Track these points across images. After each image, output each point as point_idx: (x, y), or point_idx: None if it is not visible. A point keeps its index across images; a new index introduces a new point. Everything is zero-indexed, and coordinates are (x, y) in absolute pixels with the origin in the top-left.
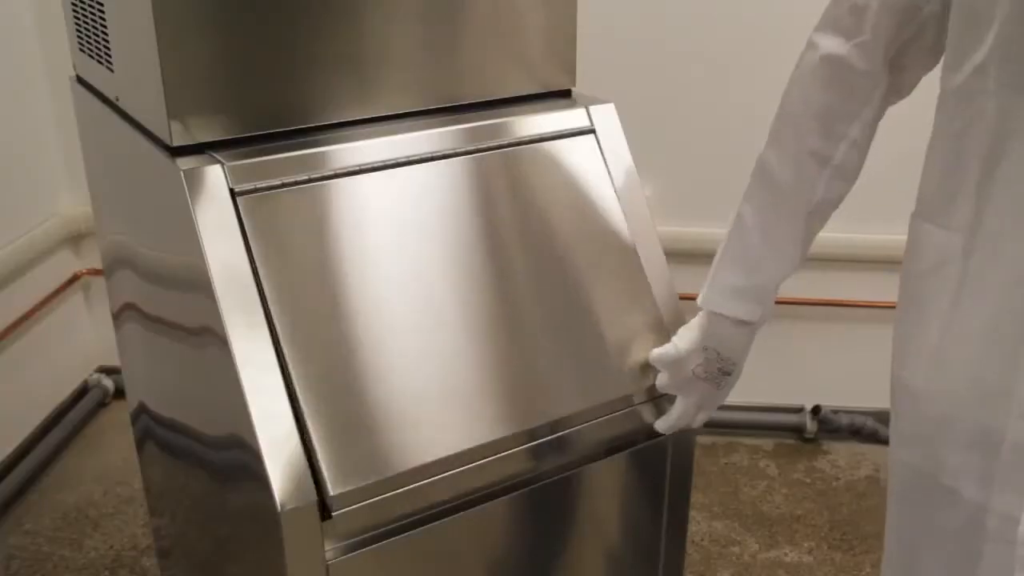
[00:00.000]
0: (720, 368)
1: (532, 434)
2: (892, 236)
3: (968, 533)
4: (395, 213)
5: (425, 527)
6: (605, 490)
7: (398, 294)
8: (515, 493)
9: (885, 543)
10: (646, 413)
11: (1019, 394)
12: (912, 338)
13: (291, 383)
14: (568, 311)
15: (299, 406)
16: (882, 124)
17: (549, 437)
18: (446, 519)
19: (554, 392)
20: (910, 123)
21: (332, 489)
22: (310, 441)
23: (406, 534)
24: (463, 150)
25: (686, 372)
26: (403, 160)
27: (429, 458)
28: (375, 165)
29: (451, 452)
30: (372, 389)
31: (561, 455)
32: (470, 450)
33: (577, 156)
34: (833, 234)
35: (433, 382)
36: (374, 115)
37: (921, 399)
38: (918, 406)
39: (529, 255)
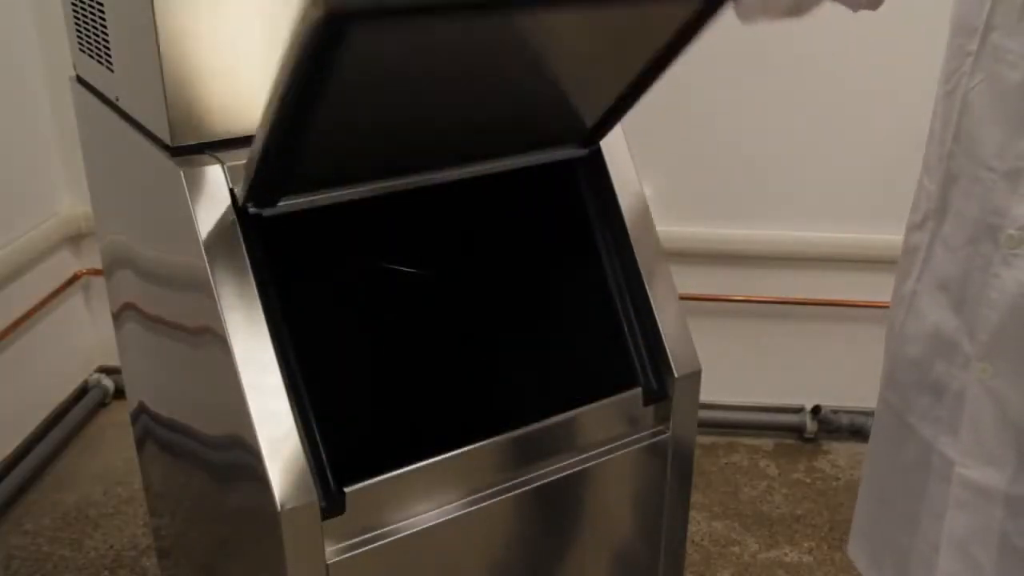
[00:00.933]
0: None
1: (533, 434)
2: (892, 236)
3: (920, 468)
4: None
5: (425, 527)
6: (605, 490)
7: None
8: (515, 493)
9: (863, 472)
10: (646, 413)
11: (963, 347)
12: (899, 285)
13: (296, 382)
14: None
15: (303, 405)
16: (882, 125)
17: (549, 437)
18: (446, 519)
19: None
20: (910, 125)
21: (333, 489)
22: (311, 441)
23: (406, 534)
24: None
25: None
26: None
27: (430, 458)
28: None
29: (452, 452)
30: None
31: (561, 455)
32: (471, 450)
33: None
34: (833, 234)
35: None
36: None
37: (898, 341)
38: (895, 348)
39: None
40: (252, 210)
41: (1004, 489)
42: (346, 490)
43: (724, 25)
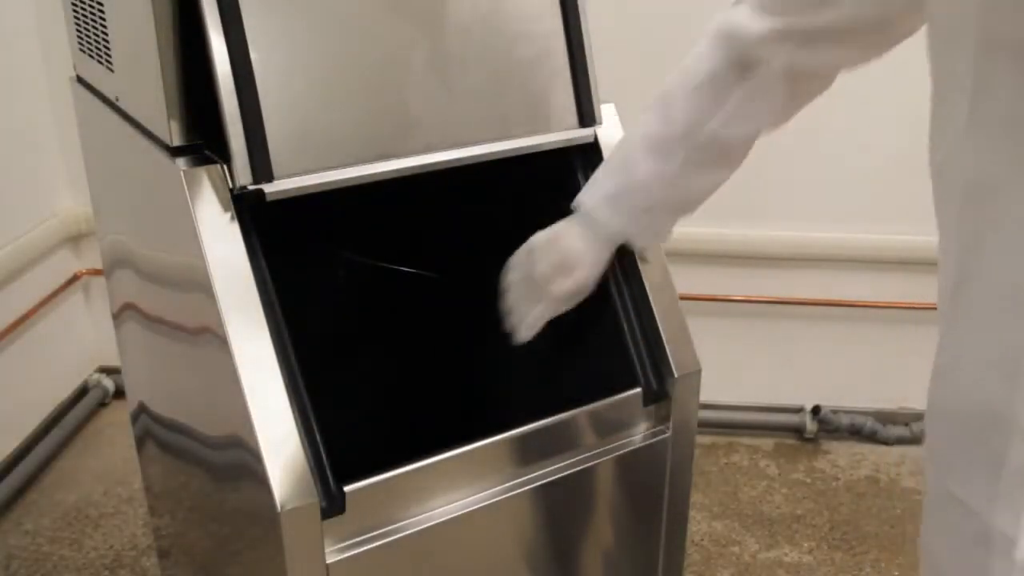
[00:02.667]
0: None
1: (533, 434)
2: (892, 236)
3: (980, 545)
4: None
5: (425, 527)
6: (605, 490)
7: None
8: (515, 493)
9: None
10: (646, 413)
11: (1020, 418)
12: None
13: (296, 382)
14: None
15: (303, 405)
16: (882, 125)
17: (549, 437)
18: (446, 519)
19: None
20: (910, 125)
21: (333, 489)
22: (311, 441)
23: (406, 534)
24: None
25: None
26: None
27: (430, 458)
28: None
29: (452, 452)
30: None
31: (561, 455)
32: (471, 450)
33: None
34: (833, 234)
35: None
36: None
37: (933, 416)
38: (932, 422)
39: None
40: (252, 187)
41: None
42: (346, 490)
43: None
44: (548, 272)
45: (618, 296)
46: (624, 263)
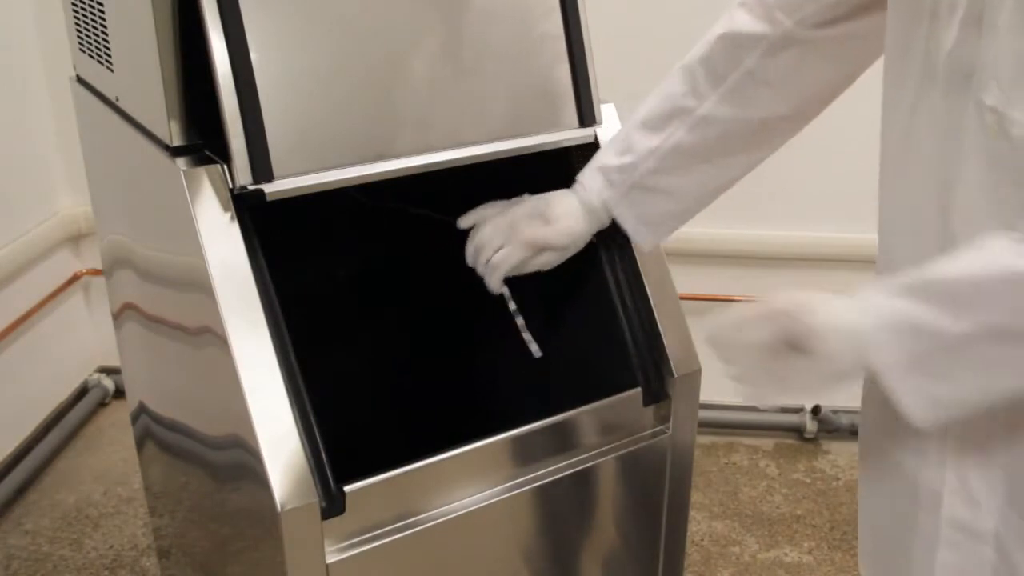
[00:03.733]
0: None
1: (533, 434)
2: None
3: (910, 501)
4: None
5: (425, 527)
6: (605, 490)
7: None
8: (515, 493)
9: (858, 494)
10: (646, 413)
11: None
12: None
13: (296, 382)
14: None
15: (303, 405)
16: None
17: (549, 437)
18: (446, 519)
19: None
20: None
21: (333, 489)
22: (311, 441)
23: (406, 534)
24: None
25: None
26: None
27: (429, 458)
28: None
29: (452, 452)
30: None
31: (561, 455)
32: (471, 450)
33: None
34: (833, 234)
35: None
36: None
37: (869, 378)
38: (868, 384)
39: None
40: (252, 187)
41: (993, 529)
42: (346, 490)
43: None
44: (526, 214)
45: (618, 296)
46: (624, 264)
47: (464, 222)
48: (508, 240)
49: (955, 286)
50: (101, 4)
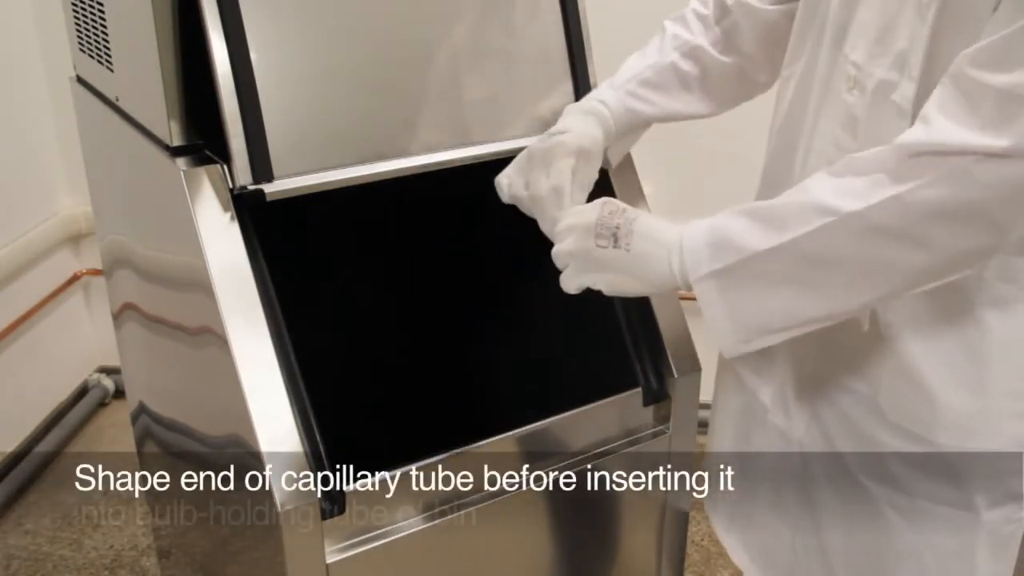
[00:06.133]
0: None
1: (533, 434)
2: None
3: (746, 413)
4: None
5: (425, 527)
6: (605, 490)
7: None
8: (515, 493)
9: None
10: (646, 413)
11: None
12: None
13: (296, 382)
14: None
15: (303, 405)
16: None
17: (549, 437)
18: (446, 519)
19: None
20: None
21: (333, 489)
22: (311, 441)
23: (406, 534)
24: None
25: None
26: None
27: (430, 458)
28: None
29: (452, 452)
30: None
31: (561, 455)
32: (471, 450)
33: None
34: None
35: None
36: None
37: None
38: None
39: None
40: (252, 187)
41: (800, 437)
42: (346, 490)
43: None
44: (541, 141)
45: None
46: None
47: (504, 193)
48: (546, 163)
49: (769, 209)
50: (101, 4)
